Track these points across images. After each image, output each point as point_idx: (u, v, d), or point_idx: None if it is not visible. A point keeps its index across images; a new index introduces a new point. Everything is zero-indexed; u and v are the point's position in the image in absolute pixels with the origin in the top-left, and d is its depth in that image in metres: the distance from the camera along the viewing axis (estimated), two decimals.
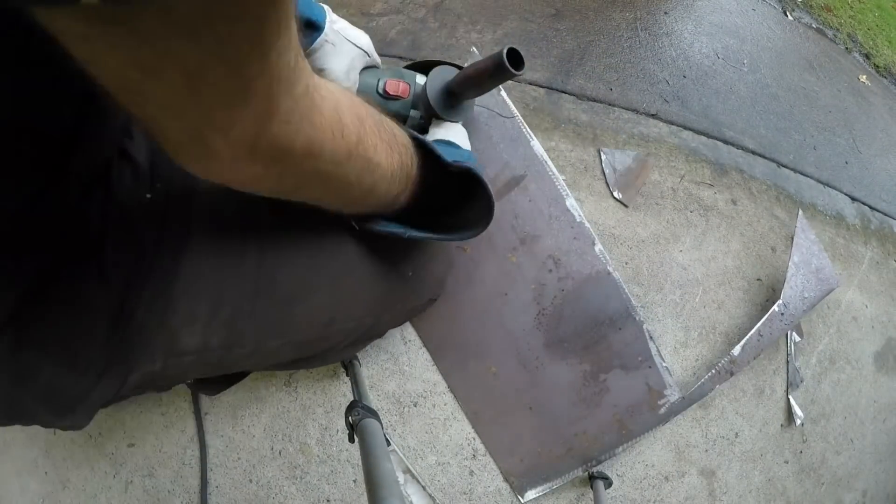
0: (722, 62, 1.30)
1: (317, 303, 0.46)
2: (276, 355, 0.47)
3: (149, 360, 0.36)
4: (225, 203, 0.37)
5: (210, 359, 0.40)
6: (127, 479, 0.71)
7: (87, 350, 0.33)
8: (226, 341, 0.40)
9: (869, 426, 0.86)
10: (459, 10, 1.26)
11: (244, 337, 0.41)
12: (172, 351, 0.37)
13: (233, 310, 0.39)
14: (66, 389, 0.34)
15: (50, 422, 0.36)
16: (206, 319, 0.37)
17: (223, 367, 0.43)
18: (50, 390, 0.33)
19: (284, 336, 0.45)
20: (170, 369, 0.38)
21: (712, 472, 0.75)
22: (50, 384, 0.33)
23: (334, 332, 0.50)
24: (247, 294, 0.40)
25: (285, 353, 0.47)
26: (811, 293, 0.82)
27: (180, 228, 0.36)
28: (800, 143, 1.19)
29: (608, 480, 0.70)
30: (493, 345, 0.78)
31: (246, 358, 0.43)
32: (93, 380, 0.34)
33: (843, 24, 1.66)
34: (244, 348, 0.42)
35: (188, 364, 0.39)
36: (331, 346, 0.53)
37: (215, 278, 0.38)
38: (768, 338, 0.80)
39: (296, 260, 0.44)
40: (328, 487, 0.68)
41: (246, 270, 0.40)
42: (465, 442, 0.72)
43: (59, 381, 0.33)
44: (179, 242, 0.36)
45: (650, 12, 1.30)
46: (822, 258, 0.85)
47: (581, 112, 1.07)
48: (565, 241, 0.80)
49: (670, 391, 0.78)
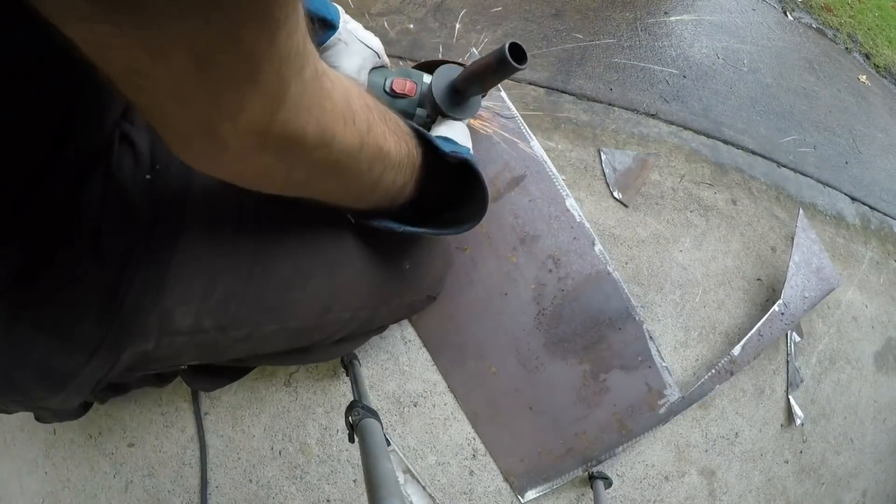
0: (722, 62, 1.30)
1: (312, 289, 0.46)
2: (271, 342, 0.47)
3: (142, 339, 0.36)
4: (222, 187, 0.38)
5: (204, 340, 0.40)
6: (127, 479, 0.71)
7: (80, 327, 0.33)
8: (219, 323, 0.40)
9: (869, 426, 0.86)
10: (459, 10, 1.26)
11: (238, 319, 0.41)
12: (165, 330, 0.37)
13: (226, 292, 0.39)
14: (59, 366, 0.34)
15: (42, 397, 0.36)
16: (199, 300, 0.38)
17: (219, 351, 0.43)
18: (42, 366, 0.33)
19: (279, 321, 0.45)
20: (162, 349, 0.38)
21: (712, 471, 0.75)
22: (42, 360, 0.33)
23: (330, 322, 0.51)
24: (241, 277, 0.40)
25: (281, 339, 0.47)
26: (812, 292, 0.82)
27: (177, 210, 0.36)
28: (800, 142, 1.19)
29: (608, 480, 0.70)
30: (493, 345, 0.78)
31: (241, 342, 0.43)
32: (85, 356, 0.34)
33: (843, 24, 1.66)
34: (239, 331, 0.42)
35: (181, 345, 0.39)
36: (327, 336, 0.53)
37: (210, 260, 0.38)
38: (768, 337, 0.80)
39: (292, 246, 0.44)
40: (328, 487, 0.68)
41: (241, 253, 0.40)
42: (465, 442, 0.72)
43: (52, 356, 0.33)
44: (176, 224, 0.36)
45: (650, 12, 1.30)
46: (823, 257, 0.85)
47: (581, 112, 1.07)
48: (565, 241, 0.80)
49: (670, 391, 0.78)
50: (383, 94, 0.57)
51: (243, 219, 0.41)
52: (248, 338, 0.43)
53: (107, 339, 0.34)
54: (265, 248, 0.42)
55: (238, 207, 0.40)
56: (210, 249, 0.38)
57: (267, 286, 0.42)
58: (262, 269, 0.41)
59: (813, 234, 0.86)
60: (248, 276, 0.41)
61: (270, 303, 0.43)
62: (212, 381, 0.66)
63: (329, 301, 0.49)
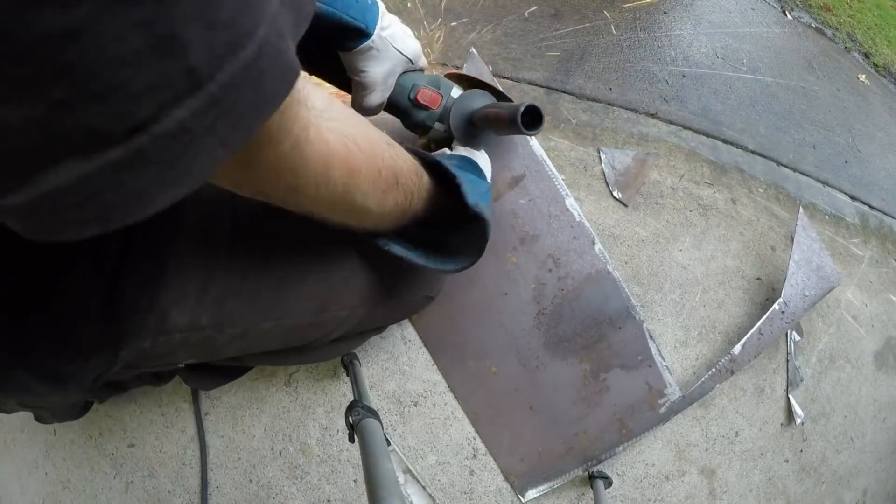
0: (721, 62, 1.30)
1: (308, 287, 0.47)
2: (267, 339, 0.47)
3: (139, 339, 0.37)
4: (217, 187, 0.39)
5: (200, 338, 0.40)
6: (127, 480, 0.71)
7: (79, 329, 0.34)
8: (216, 320, 0.40)
9: (869, 425, 0.86)
10: (459, 10, 1.26)
11: (234, 316, 0.42)
12: (162, 328, 0.37)
13: (223, 289, 0.40)
14: (59, 367, 0.34)
15: (43, 392, 0.37)
16: (195, 298, 0.38)
17: (215, 349, 0.44)
18: (43, 367, 0.34)
19: (275, 318, 0.45)
20: (159, 347, 0.38)
21: (712, 471, 0.75)
22: (43, 361, 0.34)
23: (327, 320, 0.51)
24: (236, 276, 0.41)
25: (276, 337, 0.47)
26: (812, 291, 0.82)
27: (172, 210, 0.37)
28: (799, 142, 1.19)
29: (608, 480, 0.70)
30: (493, 344, 0.78)
31: (237, 339, 0.44)
32: (85, 355, 0.35)
33: (842, 24, 1.66)
34: (235, 328, 0.42)
35: (177, 342, 0.39)
36: (324, 335, 0.53)
37: (205, 260, 0.39)
38: (769, 336, 0.80)
39: (287, 245, 0.44)
40: (328, 487, 0.68)
41: (236, 252, 0.41)
42: (466, 442, 0.72)
43: (52, 359, 0.34)
44: (171, 225, 0.37)
45: (649, 12, 1.30)
46: (823, 256, 0.85)
47: (580, 111, 1.07)
48: (565, 241, 0.80)
49: (670, 390, 0.78)
50: (405, 101, 0.56)
51: (238, 220, 0.41)
52: (244, 335, 0.44)
53: (105, 339, 0.35)
54: (259, 249, 0.42)
55: (233, 209, 0.41)
56: (205, 249, 0.39)
57: (262, 284, 0.43)
58: (258, 268, 0.42)
59: (813, 232, 0.86)
60: (243, 276, 0.41)
61: (266, 300, 0.43)
62: (210, 380, 0.66)
63: (325, 299, 0.49)
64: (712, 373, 0.77)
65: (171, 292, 0.37)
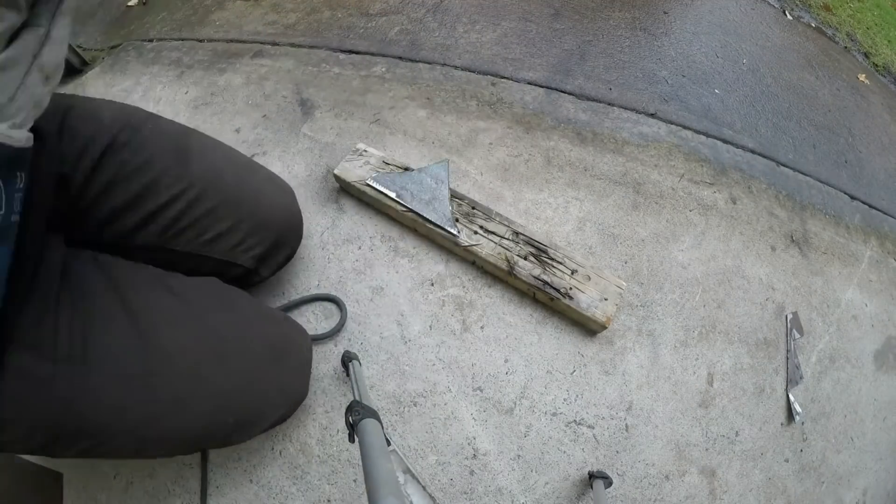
0: (721, 61, 1.30)
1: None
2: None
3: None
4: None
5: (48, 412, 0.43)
6: (127, 480, 0.71)
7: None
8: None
9: (869, 424, 0.86)
10: (458, 9, 1.26)
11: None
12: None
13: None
14: None
15: None
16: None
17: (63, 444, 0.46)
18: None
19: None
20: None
21: (712, 470, 0.75)
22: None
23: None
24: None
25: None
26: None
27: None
28: (799, 141, 1.19)
29: (608, 480, 0.70)
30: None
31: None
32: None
33: (842, 23, 1.66)
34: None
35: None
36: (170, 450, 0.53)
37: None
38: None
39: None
40: (328, 487, 0.68)
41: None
42: (466, 442, 0.72)
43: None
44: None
45: (649, 12, 1.30)
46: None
47: (580, 111, 1.07)
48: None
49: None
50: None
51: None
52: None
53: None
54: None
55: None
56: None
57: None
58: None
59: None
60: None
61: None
62: None
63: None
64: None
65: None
